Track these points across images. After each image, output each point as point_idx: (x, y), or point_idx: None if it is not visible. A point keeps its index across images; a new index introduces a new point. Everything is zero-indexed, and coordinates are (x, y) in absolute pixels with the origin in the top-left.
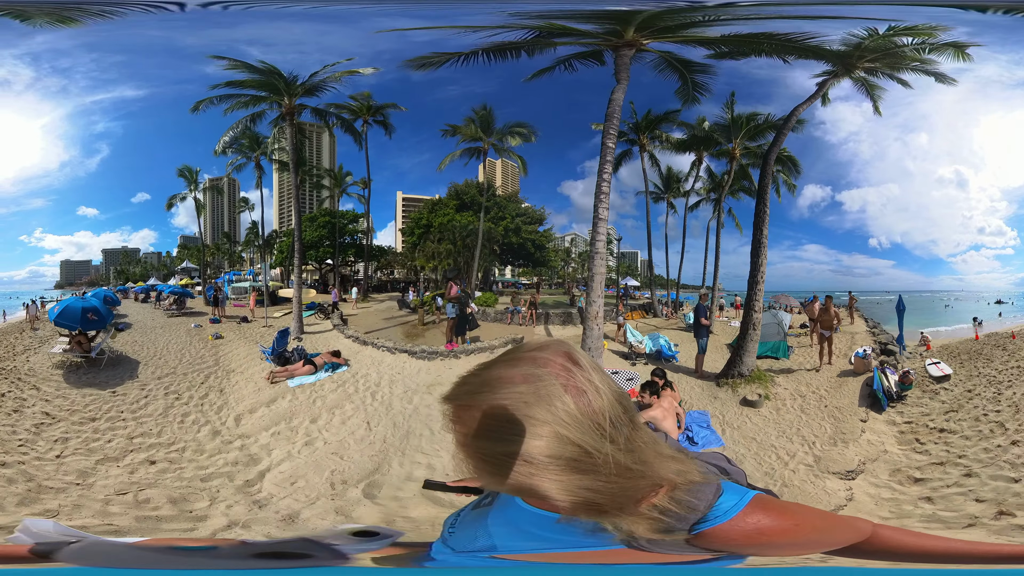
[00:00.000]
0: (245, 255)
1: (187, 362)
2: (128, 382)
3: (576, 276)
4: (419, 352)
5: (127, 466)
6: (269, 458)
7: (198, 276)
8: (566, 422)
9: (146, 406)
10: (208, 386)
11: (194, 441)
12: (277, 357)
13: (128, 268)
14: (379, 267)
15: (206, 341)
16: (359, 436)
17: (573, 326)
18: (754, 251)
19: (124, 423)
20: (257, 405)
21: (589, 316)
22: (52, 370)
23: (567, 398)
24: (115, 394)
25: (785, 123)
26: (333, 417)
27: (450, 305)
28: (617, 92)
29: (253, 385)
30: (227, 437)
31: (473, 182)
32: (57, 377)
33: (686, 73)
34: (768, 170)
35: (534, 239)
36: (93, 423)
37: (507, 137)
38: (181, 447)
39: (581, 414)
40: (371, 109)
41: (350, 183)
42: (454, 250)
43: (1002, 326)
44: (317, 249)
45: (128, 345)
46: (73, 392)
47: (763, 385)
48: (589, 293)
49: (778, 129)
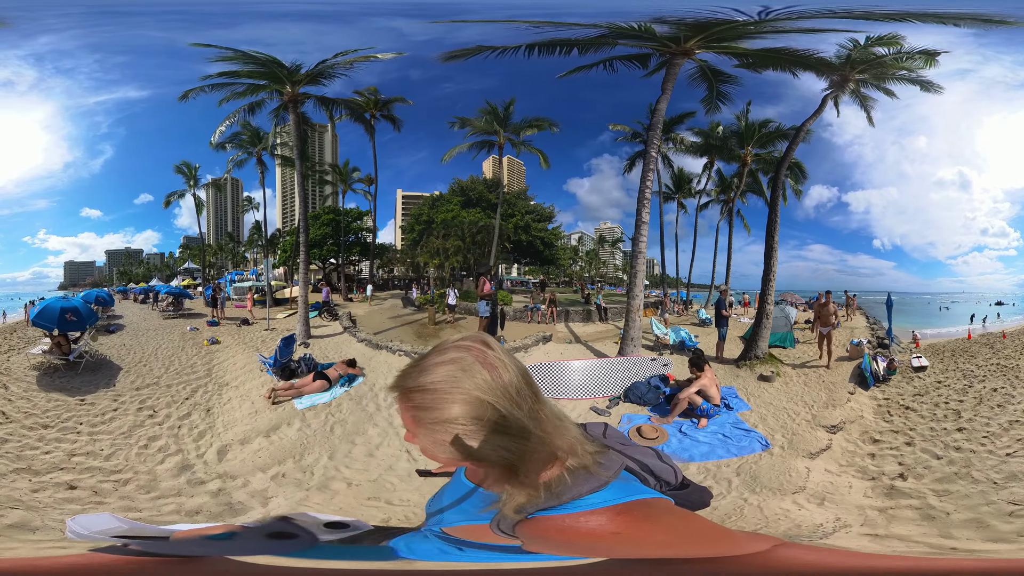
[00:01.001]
0: (248, 255)
1: (174, 371)
2: (102, 390)
3: (584, 274)
4: None
5: (39, 483)
6: (264, 509)
7: (200, 276)
8: (484, 389)
9: (110, 421)
10: (193, 403)
11: (148, 474)
12: (281, 369)
13: (131, 269)
14: (381, 265)
15: (200, 346)
16: (401, 471)
17: (593, 323)
18: (767, 256)
19: (76, 436)
20: (252, 434)
21: (632, 309)
22: (28, 371)
23: (484, 372)
24: (83, 402)
25: (794, 138)
26: (354, 447)
27: (483, 303)
28: (661, 103)
29: (249, 405)
30: (200, 475)
31: (479, 178)
32: (31, 378)
33: (714, 82)
34: (779, 183)
35: (543, 237)
36: (43, 431)
37: (525, 130)
38: (125, 478)
39: (495, 383)
40: (378, 103)
41: (356, 179)
42: (463, 247)
43: (1003, 326)
44: (321, 247)
45: (114, 349)
46: (40, 395)
47: (774, 365)
48: (631, 289)
49: (789, 140)
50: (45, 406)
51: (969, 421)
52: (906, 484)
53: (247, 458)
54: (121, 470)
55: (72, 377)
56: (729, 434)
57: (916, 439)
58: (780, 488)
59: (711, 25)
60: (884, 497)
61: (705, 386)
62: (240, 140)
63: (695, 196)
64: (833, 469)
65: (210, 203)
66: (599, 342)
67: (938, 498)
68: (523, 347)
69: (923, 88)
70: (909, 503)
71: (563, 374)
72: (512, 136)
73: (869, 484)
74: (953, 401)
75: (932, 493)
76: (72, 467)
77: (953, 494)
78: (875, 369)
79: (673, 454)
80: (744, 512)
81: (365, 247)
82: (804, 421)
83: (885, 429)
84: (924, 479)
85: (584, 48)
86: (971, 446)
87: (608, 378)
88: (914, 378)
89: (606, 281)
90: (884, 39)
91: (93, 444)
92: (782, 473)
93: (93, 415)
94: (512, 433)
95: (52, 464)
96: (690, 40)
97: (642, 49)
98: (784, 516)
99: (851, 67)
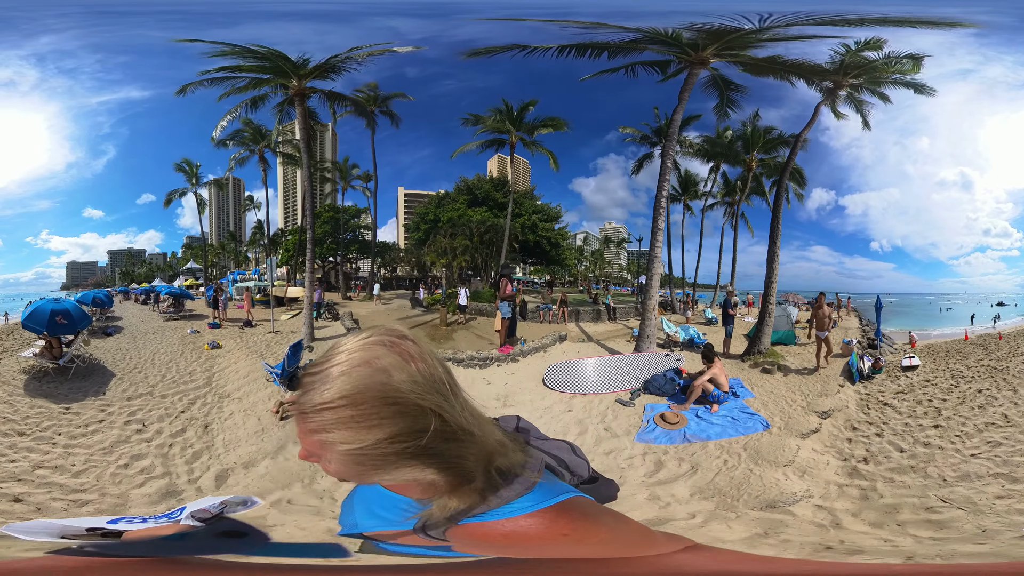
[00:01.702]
0: (251, 254)
1: (171, 379)
2: (90, 399)
3: (589, 274)
4: (467, 359)
5: None
6: None
7: (202, 276)
8: (417, 391)
9: (92, 434)
10: (189, 417)
11: (118, 497)
12: (289, 379)
13: (133, 269)
14: (383, 264)
15: (200, 351)
16: None
17: (602, 323)
18: (769, 259)
19: (49, 448)
20: (258, 455)
21: (648, 309)
22: (17, 374)
23: (411, 369)
24: (67, 411)
25: (794, 147)
26: None
27: (504, 304)
28: (677, 113)
29: (254, 421)
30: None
31: (485, 177)
32: (18, 382)
33: (724, 91)
34: (781, 191)
35: (550, 237)
36: (18, 438)
37: (538, 129)
38: (85, 500)
39: (427, 383)
40: (378, 99)
41: (355, 175)
42: (471, 246)
43: (1003, 326)
44: (321, 246)
45: (109, 353)
46: (23, 401)
47: (776, 358)
48: (647, 290)
49: (791, 146)
50: (27, 412)
51: (947, 420)
52: (866, 467)
53: (251, 484)
54: (86, 490)
55: (61, 383)
56: (737, 417)
57: (886, 432)
58: (775, 461)
59: (726, 33)
60: (847, 476)
61: (716, 376)
62: (242, 137)
63: (701, 198)
64: (819, 448)
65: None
66: (611, 340)
67: (884, 483)
68: (542, 347)
69: (917, 91)
70: (859, 483)
71: (586, 371)
72: (524, 135)
73: (841, 464)
74: (936, 400)
75: (882, 479)
76: (32, 480)
77: (897, 483)
78: (860, 367)
79: (693, 434)
80: (750, 480)
81: (364, 245)
82: (799, 407)
83: (863, 420)
84: (881, 466)
85: (614, 52)
86: (940, 443)
87: (628, 372)
88: (900, 377)
89: (611, 281)
90: (870, 43)
91: (65, 458)
92: (778, 449)
93: (75, 426)
94: (454, 437)
95: (10, 474)
96: (707, 48)
97: (664, 56)
98: (774, 485)
99: (844, 72)
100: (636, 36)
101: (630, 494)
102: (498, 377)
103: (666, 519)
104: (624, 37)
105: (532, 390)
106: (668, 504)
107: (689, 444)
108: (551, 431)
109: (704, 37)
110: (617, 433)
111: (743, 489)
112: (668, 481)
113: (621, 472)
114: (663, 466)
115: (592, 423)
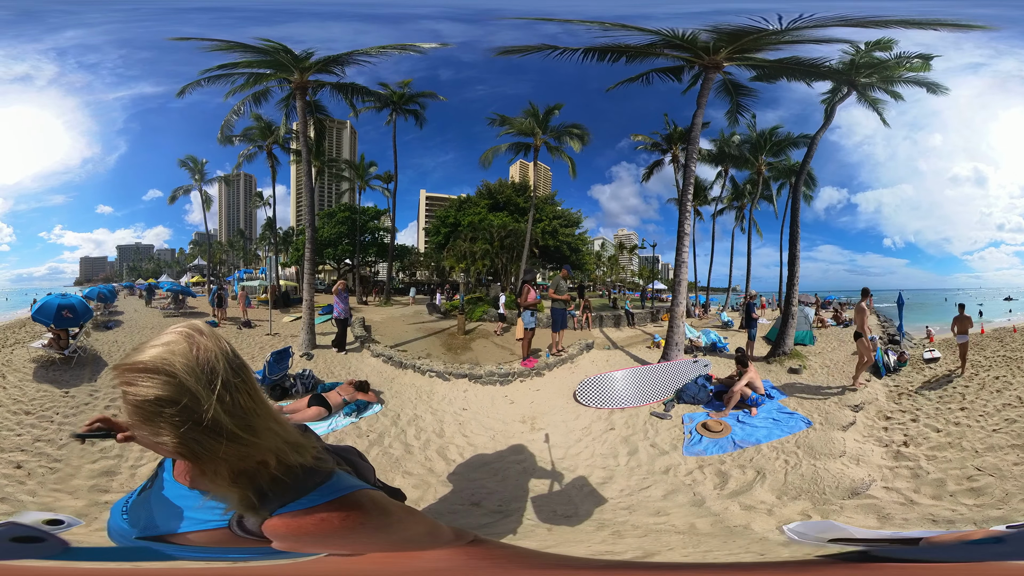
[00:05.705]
0: (260, 252)
1: None
2: (85, 384)
3: (606, 279)
4: (485, 375)
5: None
6: None
7: (209, 273)
8: (189, 375)
9: (78, 414)
10: None
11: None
12: (271, 388)
13: (140, 265)
14: (401, 268)
15: None
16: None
17: (622, 329)
18: (790, 263)
19: (48, 425)
20: None
21: (676, 316)
22: (28, 363)
23: (191, 356)
24: (66, 395)
25: (809, 150)
26: None
27: (528, 313)
28: (697, 116)
29: None
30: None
31: (507, 182)
32: (28, 370)
33: (735, 96)
34: (798, 195)
35: (570, 242)
36: (24, 416)
37: (564, 136)
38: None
39: (200, 372)
40: (404, 97)
41: (373, 174)
42: (491, 251)
43: (1016, 320)
44: (335, 247)
45: (106, 345)
46: (31, 386)
47: (800, 359)
48: (675, 296)
49: (799, 146)
50: (33, 395)
51: (971, 403)
52: (907, 450)
53: None
54: (61, 460)
55: (65, 371)
56: (778, 418)
57: (921, 417)
58: (830, 454)
59: (745, 34)
60: (892, 459)
61: (752, 379)
62: (251, 134)
63: (711, 203)
64: (858, 439)
65: (222, 199)
66: (632, 347)
67: (927, 461)
68: (569, 357)
69: (929, 90)
70: (907, 464)
71: (617, 384)
72: (550, 140)
73: (883, 449)
74: (960, 387)
75: (924, 457)
76: (31, 450)
77: (940, 459)
78: (887, 361)
79: (742, 440)
80: (820, 474)
81: (382, 248)
82: (832, 403)
83: (895, 409)
84: (922, 447)
85: (632, 56)
86: (968, 422)
87: (659, 383)
88: (924, 369)
89: (625, 286)
90: (880, 43)
91: (56, 433)
92: (828, 442)
93: (69, 407)
94: (209, 428)
95: (16, 445)
96: (721, 51)
97: (677, 62)
98: (843, 474)
99: (856, 72)
100: (653, 39)
101: (723, 509)
102: (522, 395)
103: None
104: (642, 40)
105: (563, 408)
106: (771, 509)
107: (743, 451)
108: (597, 454)
109: (722, 38)
110: (665, 449)
111: (820, 483)
112: (744, 490)
113: (689, 490)
114: (728, 476)
115: (639, 441)
